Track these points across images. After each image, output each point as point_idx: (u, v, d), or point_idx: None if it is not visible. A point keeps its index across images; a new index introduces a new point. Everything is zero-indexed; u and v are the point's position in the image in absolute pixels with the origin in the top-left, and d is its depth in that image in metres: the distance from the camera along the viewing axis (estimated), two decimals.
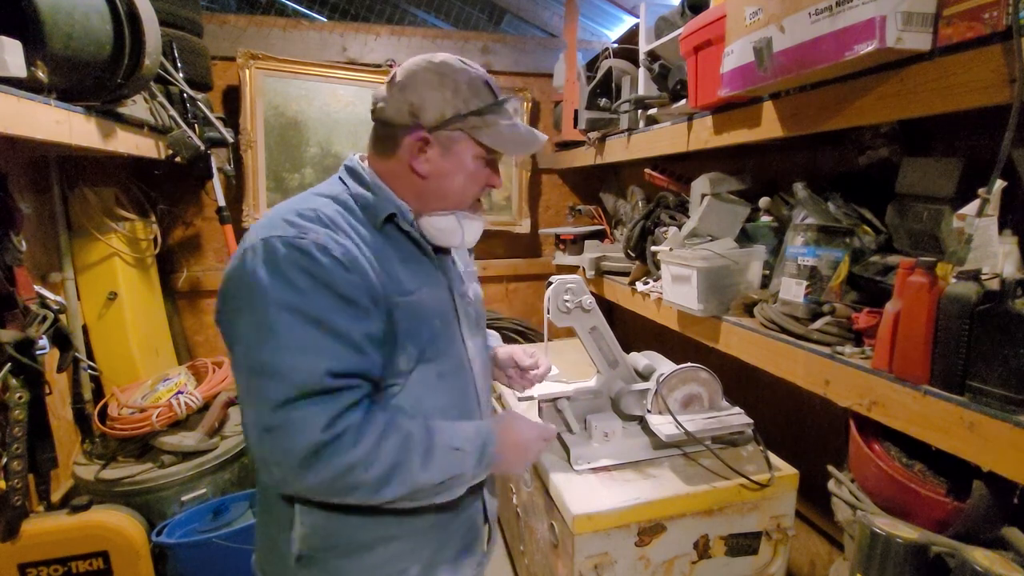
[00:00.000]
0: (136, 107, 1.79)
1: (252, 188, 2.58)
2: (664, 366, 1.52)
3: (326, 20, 3.74)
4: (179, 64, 2.06)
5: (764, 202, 1.55)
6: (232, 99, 2.63)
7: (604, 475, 1.42)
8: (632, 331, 2.90)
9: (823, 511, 1.58)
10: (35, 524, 1.59)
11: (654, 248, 1.79)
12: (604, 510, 1.29)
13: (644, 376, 1.56)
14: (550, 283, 1.41)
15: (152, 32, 1.54)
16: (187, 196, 2.63)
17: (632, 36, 2.22)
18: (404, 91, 0.94)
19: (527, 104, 2.96)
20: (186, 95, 2.06)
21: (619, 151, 2.16)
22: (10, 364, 1.43)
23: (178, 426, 1.93)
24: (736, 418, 1.46)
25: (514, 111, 1.01)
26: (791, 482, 1.42)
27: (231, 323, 0.85)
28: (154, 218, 2.42)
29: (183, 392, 1.94)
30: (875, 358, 1.00)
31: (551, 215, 3.22)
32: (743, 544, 1.42)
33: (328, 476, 0.82)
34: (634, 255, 1.99)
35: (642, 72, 1.93)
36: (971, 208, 0.93)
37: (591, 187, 3.07)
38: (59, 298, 1.70)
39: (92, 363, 2.08)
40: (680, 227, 1.67)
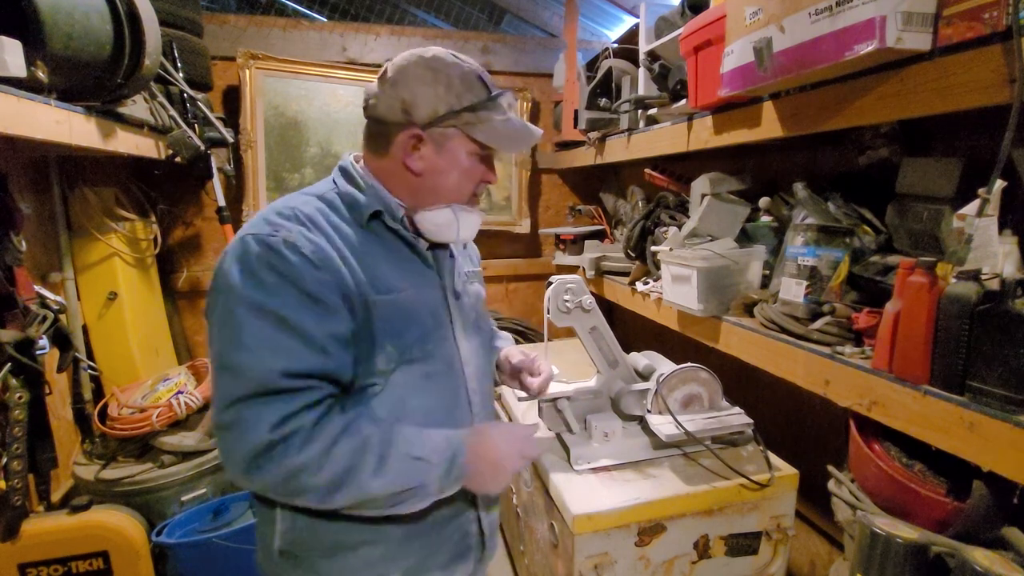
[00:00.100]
0: (136, 107, 1.79)
1: (252, 188, 2.58)
2: (664, 366, 1.52)
3: (326, 20, 3.74)
4: (179, 64, 2.06)
5: (764, 202, 1.55)
6: (232, 99, 2.63)
7: (604, 475, 1.42)
8: (632, 331, 2.90)
9: (823, 511, 1.58)
10: (35, 524, 1.59)
11: (654, 248, 1.79)
12: (604, 510, 1.29)
13: (644, 376, 1.56)
14: (550, 283, 1.41)
15: (152, 32, 1.54)
16: (187, 196, 2.63)
17: (632, 36, 2.22)
18: (396, 87, 0.93)
19: (527, 104, 2.96)
20: (186, 95, 2.05)
21: (619, 151, 2.16)
22: (10, 364, 1.43)
23: (178, 426, 1.93)
24: (736, 418, 1.46)
25: (508, 106, 0.99)
26: (791, 482, 1.42)
27: (208, 318, 0.87)
28: (154, 218, 2.42)
29: (183, 392, 1.94)
30: (875, 358, 1.00)
31: (551, 215, 3.22)
32: (743, 544, 1.42)
33: (275, 477, 0.82)
34: (634, 255, 1.99)
35: (642, 72, 1.93)
36: (971, 208, 0.93)
37: (591, 187, 3.07)
38: (59, 298, 1.70)
39: (92, 363, 2.08)
40: (680, 227, 1.67)
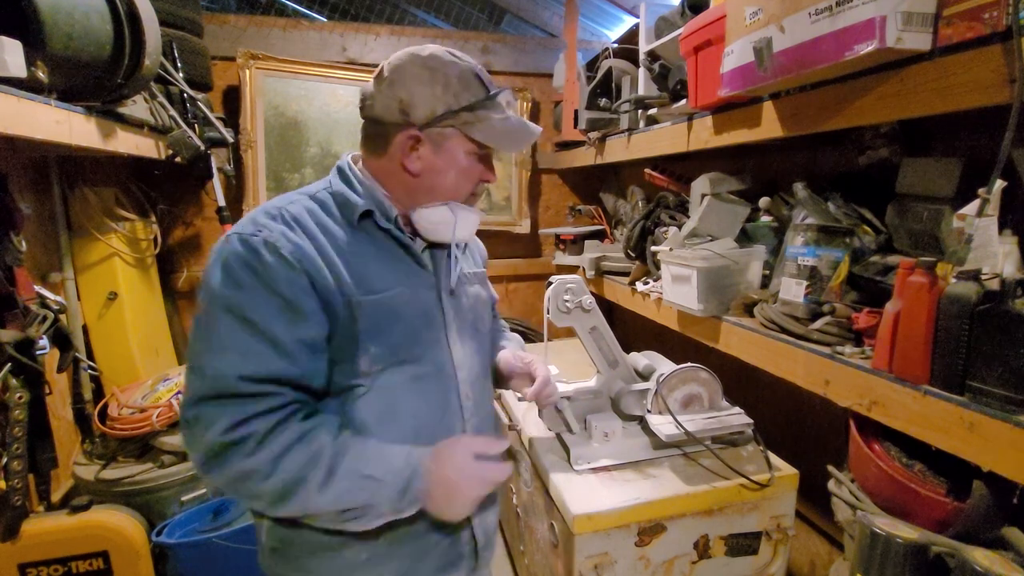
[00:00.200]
0: (136, 107, 1.79)
1: (252, 188, 2.58)
2: (664, 366, 1.52)
3: (326, 20, 3.74)
4: (179, 64, 2.06)
5: (764, 202, 1.55)
6: (232, 99, 2.63)
7: (604, 475, 1.42)
8: (632, 331, 2.90)
9: (823, 511, 1.58)
10: (35, 524, 1.59)
11: (654, 248, 1.79)
12: (604, 510, 1.29)
13: (644, 376, 1.56)
14: (550, 283, 1.41)
15: (152, 32, 1.54)
16: (187, 196, 2.63)
17: (632, 36, 2.22)
18: (393, 87, 0.92)
19: (527, 104, 2.96)
20: (186, 95, 2.06)
21: (619, 151, 2.16)
22: (10, 364, 1.43)
23: (178, 426, 1.93)
24: (736, 418, 1.46)
25: (507, 104, 0.98)
26: (791, 482, 1.42)
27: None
28: (154, 218, 2.42)
29: (183, 392, 1.94)
30: (875, 358, 1.00)
31: (551, 215, 3.22)
32: (743, 544, 1.42)
33: (227, 478, 0.82)
34: (634, 255, 1.99)
35: (642, 72, 1.93)
36: (971, 208, 0.93)
37: (591, 187, 3.07)
38: (59, 298, 1.70)
39: (92, 363, 2.08)
40: (680, 227, 1.67)
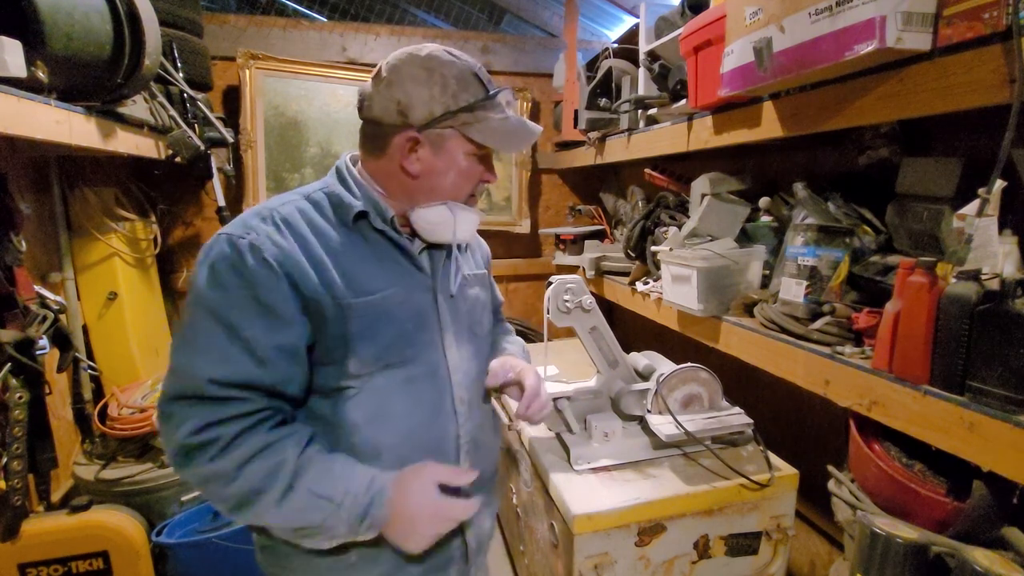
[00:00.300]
0: (136, 107, 1.79)
1: (252, 188, 2.58)
2: (664, 366, 1.52)
3: (326, 20, 3.74)
4: (179, 64, 2.06)
5: (764, 202, 1.55)
6: (232, 99, 2.63)
7: (604, 475, 1.42)
8: (632, 331, 2.90)
9: (823, 511, 1.58)
10: (35, 524, 1.59)
11: (654, 248, 1.79)
12: (604, 510, 1.29)
13: (644, 376, 1.56)
14: (550, 283, 1.41)
15: (152, 32, 1.54)
16: (187, 196, 2.63)
17: (632, 36, 2.22)
18: (391, 88, 0.91)
19: (527, 104, 2.96)
20: (186, 95, 2.06)
21: (619, 151, 2.16)
22: (10, 364, 1.43)
23: None
24: (736, 418, 1.46)
25: (507, 103, 0.97)
26: (791, 482, 1.42)
27: None
28: (154, 218, 2.42)
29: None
30: (875, 358, 1.00)
31: (551, 215, 3.22)
32: (743, 544, 1.42)
33: (195, 478, 0.84)
34: (634, 255, 1.99)
35: (642, 72, 1.93)
36: (971, 208, 0.93)
37: (591, 187, 3.07)
38: (59, 298, 1.70)
39: (92, 363, 2.08)
40: (680, 227, 1.67)
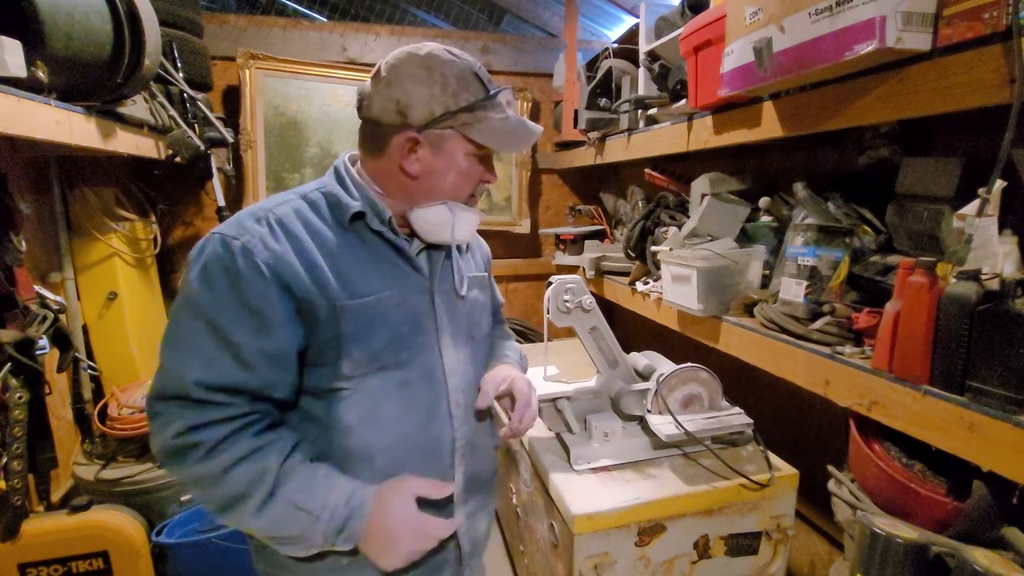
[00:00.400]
0: (136, 107, 1.79)
1: (252, 188, 2.58)
2: (664, 366, 1.52)
3: (326, 20, 3.74)
4: (179, 64, 2.06)
5: (764, 202, 1.55)
6: (232, 99, 2.63)
7: (604, 475, 1.42)
8: (632, 331, 2.90)
9: (823, 511, 1.58)
10: (35, 524, 1.59)
11: (654, 248, 1.79)
12: (604, 510, 1.29)
13: (644, 376, 1.56)
14: (550, 283, 1.41)
15: (152, 32, 1.54)
16: (187, 196, 2.64)
17: (632, 36, 2.22)
18: (390, 87, 0.90)
19: (527, 104, 2.96)
20: (186, 95, 2.06)
21: (619, 151, 2.16)
22: (10, 364, 1.43)
23: None
24: (736, 418, 1.46)
25: (507, 103, 0.96)
26: (791, 482, 1.42)
27: None
28: (154, 218, 2.42)
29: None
30: (875, 358, 1.00)
31: (551, 215, 3.22)
32: (743, 544, 1.42)
33: (181, 478, 0.85)
34: (634, 255, 1.99)
35: (642, 72, 1.93)
36: (971, 208, 0.93)
37: (591, 187, 3.07)
38: (59, 298, 1.70)
39: (92, 363, 2.08)
40: (680, 227, 1.67)
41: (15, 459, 1.47)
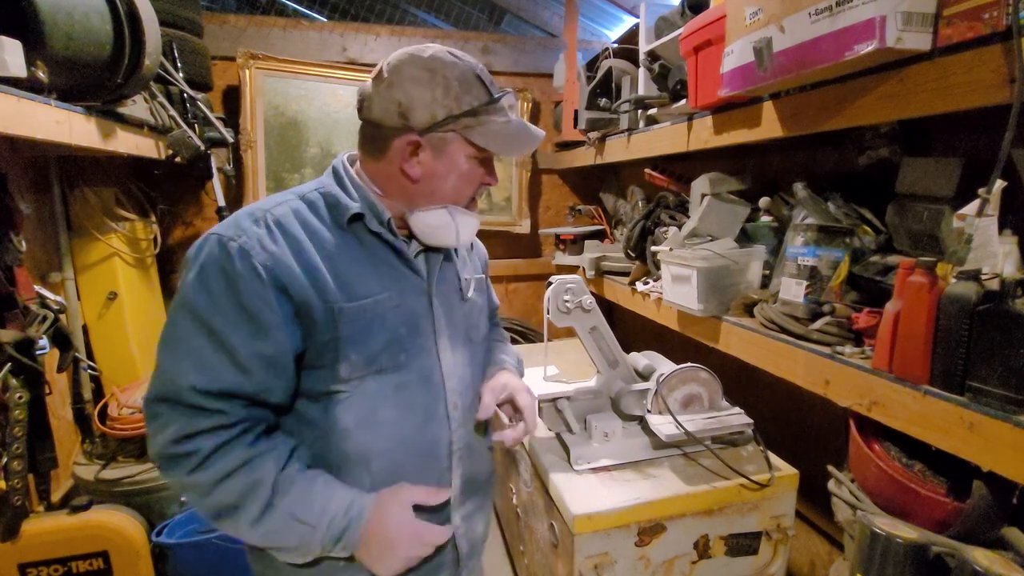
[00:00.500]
0: (136, 107, 1.79)
1: (252, 188, 2.58)
2: (664, 366, 1.52)
3: (326, 20, 3.74)
4: (179, 64, 2.07)
5: (764, 202, 1.55)
6: (232, 99, 2.63)
7: (604, 475, 1.42)
8: (632, 331, 2.90)
9: (823, 511, 1.58)
10: (35, 524, 1.59)
11: (654, 248, 1.79)
12: (604, 510, 1.29)
13: (644, 376, 1.56)
14: (550, 283, 1.42)
15: (152, 32, 1.54)
16: (187, 196, 2.64)
17: (632, 36, 2.22)
18: (391, 89, 0.88)
19: (527, 104, 2.96)
20: (186, 95, 2.06)
21: (619, 151, 2.16)
22: (10, 364, 1.43)
23: None
24: (736, 418, 1.46)
25: (509, 107, 0.96)
26: (791, 482, 1.42)
27: None
28: (154, 218, 2.42)
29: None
30: (875, 358, 1.00)
31: (551, 215, 3.22)
32: (743, 544, 1.42)
33: (174, 483, 0.84)
34: (634, 255, 1.99)
35: (642, 72, 1.93)
36: (971, 208, 0.93)
37: (591, 187, 3.07)
38: (59, 298, 1.70)
39: (92, 363, 2.08)
40: (680, 227, 1.67)
41: (15, 459, 1.47)
